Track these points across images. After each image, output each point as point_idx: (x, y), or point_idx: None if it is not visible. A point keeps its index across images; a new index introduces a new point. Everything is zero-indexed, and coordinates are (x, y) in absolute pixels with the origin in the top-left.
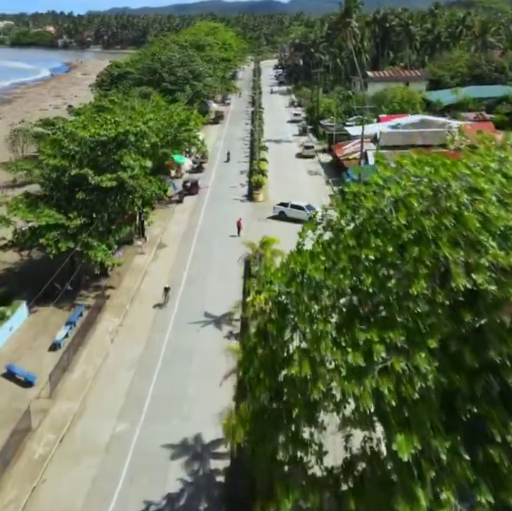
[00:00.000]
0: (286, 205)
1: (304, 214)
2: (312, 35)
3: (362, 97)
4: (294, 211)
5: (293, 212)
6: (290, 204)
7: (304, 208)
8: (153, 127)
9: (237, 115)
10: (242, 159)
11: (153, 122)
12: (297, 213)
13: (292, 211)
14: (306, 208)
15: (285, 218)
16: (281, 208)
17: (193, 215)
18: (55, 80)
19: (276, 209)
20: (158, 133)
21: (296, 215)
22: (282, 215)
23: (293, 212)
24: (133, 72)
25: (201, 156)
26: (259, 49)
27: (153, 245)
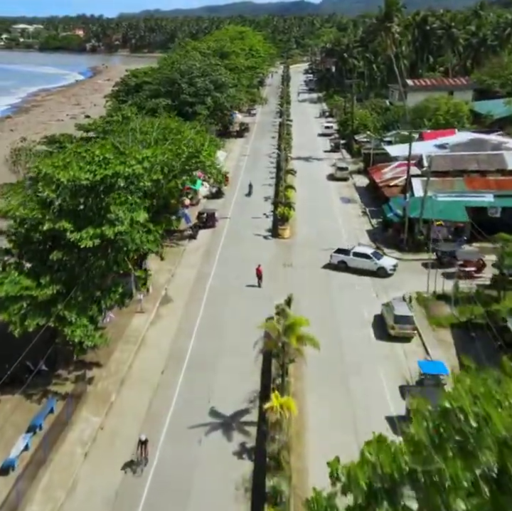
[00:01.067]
0: (346, 252)
1: (371, 264)
2: (345, 40)
3: (402, 108)
4: (358, 259)
5: (357, 261)
6: (352, 252)
7: (370, 257)
8: (153, 163)
9: (264, 127)
10: (267, 182)
11: (149, 162)
12: (362, 263)
13: (356, 261)
14: (373, 255)
15: (346, 268)
16: (341, 256)
17: (207, 256)
18: (77, 86)
19: (335, 258)
20: (163, 168)
21: (361, 265)
22: (342, 265)
23: (357, 261)
24: (150, 83)
25: None
26: (288, 53)
27: (156, 299)
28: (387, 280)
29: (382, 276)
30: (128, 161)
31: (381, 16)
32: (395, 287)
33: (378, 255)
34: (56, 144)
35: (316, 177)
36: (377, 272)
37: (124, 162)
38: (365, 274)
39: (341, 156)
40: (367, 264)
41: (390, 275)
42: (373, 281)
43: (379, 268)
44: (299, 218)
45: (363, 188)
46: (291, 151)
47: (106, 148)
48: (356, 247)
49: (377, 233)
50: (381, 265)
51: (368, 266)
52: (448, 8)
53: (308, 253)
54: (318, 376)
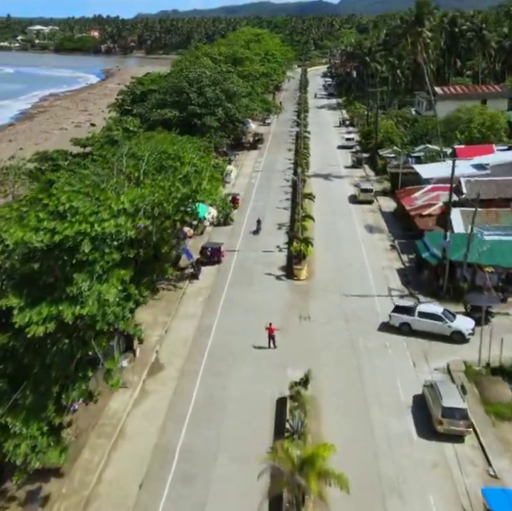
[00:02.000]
0: (409, 311)
1: (443, 327)
2: (368, 43)
3: (431, 120)
4: (426, 321)
5: (424, 323)
6: (418, 311)
7: (442, 318)
8: (138, 206)
9: (279, 138)
10: (281, 205)
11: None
12: (431, 326)
13: (423, 322)
14: (445, 316)
15: (411, 331)
16: (403, 317)
17: (209, 303)
18: (87, 90)
19: (395, 319)
20: (153, 208)
21: (430, 328)
22: (406, 328)
23: (424, 323)
24: (157, 91)
25: (231, 199)
26: (306, 55)
27: (144, 365)
28: (426, 342)
29: (458, 342)
30: (100, 214)
31: (411, 20)
32: (436, 352)
33: (451, 316)
34: (49, 161)
35: (336, 199)
36: (451, 337)
37: (96, 212)
38: (433, 338)
39: (364, 173)
40: (437, 327)
41: (468, 340)
42: (408, 342)
43: (454, 332)
44: (318, 253)
45: (390, 213)
46: (309, 167)
47: (75, 194)
48: (421, 305)
49: (409, 273)
50: (456, 328)
51: (438, 329)
52: (471, 8)
53: (329, 300)
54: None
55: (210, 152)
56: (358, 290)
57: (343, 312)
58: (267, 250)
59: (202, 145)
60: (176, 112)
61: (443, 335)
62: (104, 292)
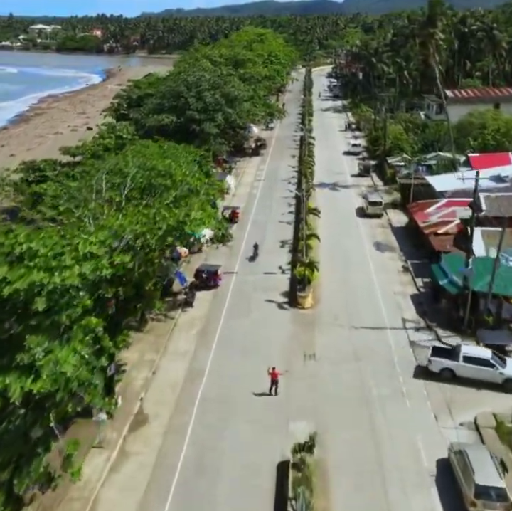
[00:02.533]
0: (452, 355)
1: (494, 374)
2: (374, 43)
3: (442, 125)
4: (472, 367)
5: (470, 370)
6: (463, 355)
7: (492, 364)
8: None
9: (283, 143)
10: (284, 219)
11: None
12: (479, 372)
13: (469, 368)
14: (495, 361)
15: (453, 378)
16: (445, 361)
17: (203, 337)
18: (87, 91)
19: (436, 364)
20: (136, 240)
21: (477, 374)
22: (448, 374)
23: (470, 370)
24: (154, 95)
25: (230, 213)
26: (311, 54)
27: (125, 418)
28: (448, 388)
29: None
30: (64, 257)
31: (423, 20)
32: (461, 402)
33: (501, 361)
34: (36, 172)
35: (343, 213)
36: (503, 386)
37: (60, 254)
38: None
39: (372, 183)
40: (487, 374)
41: None
42: (428, 387)
43: (507, 380)
44: (324, 276)
45: (401, 229)
46: (314, 177)
47: (36, 232)
48: (466, 347)
49: (425, 301)
50: (510, 375)
51: (488, 376)
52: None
53: (337, 333)
54: None
55: (208, 162)
56: (368, 321)
57: (353, 348)
58: (269, 272)
59: (199, 154)
60: (174, 118)
61: (493, 383)
62: (62, 362)
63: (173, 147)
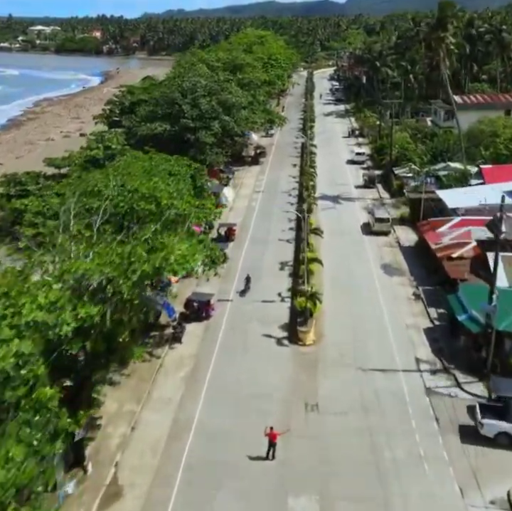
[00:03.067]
0: (507, 413)
1: None
2: (378, 46)
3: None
4: None
5: None
6: None
7: None
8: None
9: (283, 150)
10: (284, 237)
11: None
12: None
13: None
14: None
15: (510, 444)
16: (501, 424)
17: (191, 382)
18: (83, 94)
19: (489, 427)
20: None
21: None
22: (504, 439)
23: None
24: (147, 101)
25: (226, 231)
26: (312, 56)
27: (96, 490)
28: (472, 450)
29: None
30: (3, 324)
31: (432, 23)
32: (490, 469)
33: None
34: (17, 186)
35: (347, 230)
36: None
37: None
38: None
39: (377, 195)
40: None
41: None
42: (448, 448)
43: None
44: (327, 304)
45: (410, 249)
46: (316, 190)
47: None
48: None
49: (440, 337)
50: None
51: None
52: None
53: (342, 377)
54: None
55: (202, 176)
56: (377, 361)
57: (361, 395)
58: (267, 300)
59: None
60: (167, 126)
61: None
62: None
63: (165, 159)
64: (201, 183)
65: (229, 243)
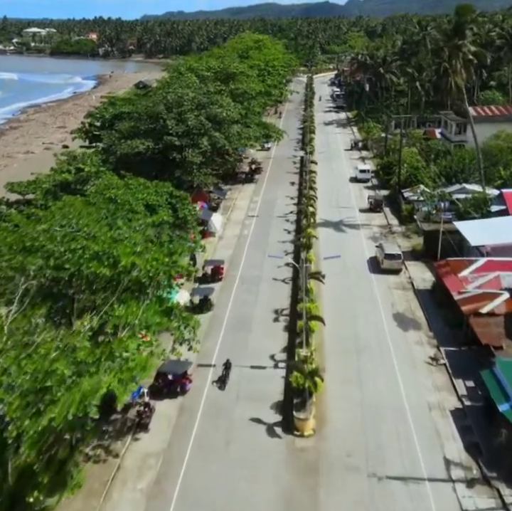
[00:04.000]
0: None
1: None
2: (382, 51)
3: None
4: None
5: None
6: None
7: None
8: None
9: (280, 166)
10: (279, 275)
11: None
12: None
13: None
14: None
15: None
16: None
17: (157, 495)
18: (72, 100)
19: None
20: None
21: None
22: None
23: None
24: (130, 113)
25: (213, 269)
26: (312, 60)
27: None
28: None
29: None
30: None
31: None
32: None
33: None
34: None
35: (352, 266)
36: None
37: None
38: None
39: (385, 221)
40: None
41: None
42: None
43: None
44: (331, 378)
45: (426, 293)
46: (316, 217)
47: None
48: None
49: (474, 425)
50: None
51: None
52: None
53: (351, 489)
54: None
55: (185, 205)
56: (395, 464)
57: None
58: (257, 366)
59: (175, 196)
60: (151, 144)
61: None
62: None
63: (143, 185)
64: (184, 215)
65: (216, 283)
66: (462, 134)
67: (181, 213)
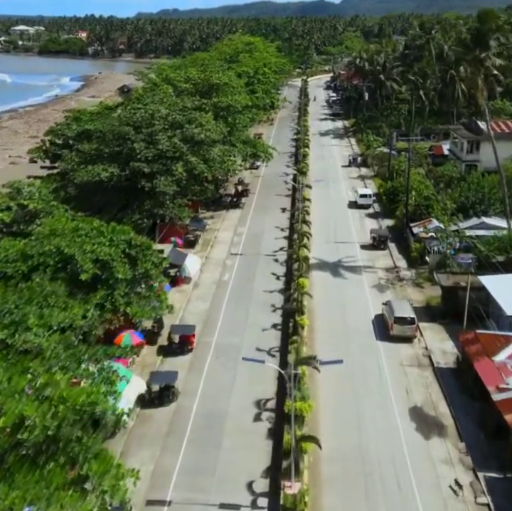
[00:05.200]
0: None
1: None
2: (382, 57)
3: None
4: None
5: None
6: None
7: None
8: None
9: (270, 186)
10: (265, 342)
11: None
12: None
13: None
14: None
15: None
16: None
17: None
18: (52, 104)
19: None
20: None
21: None
22: None
23: None
24: (99, 132)
25: (181, 337)
26: (307, 62)
27: None
28: None
29: None
30: None
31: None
32: None
33: None
34: None
35: (354, 329)
36: None
37: None
38: None
39: (391, 262)
40: None
41: None
42: None
43: None
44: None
45: (449, 373)
46: (309, 262)
47: None
48: None
49: None
50: None
51: None
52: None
53: None
54: None
55: (147, 256)
56: None
57: None
58: (227, 504)
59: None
60: (115, 170)
61: None
62: None
63: (97, 230)
64: (145, 269)
65: (185, 354)
66: (475, 153)
67: (142, 267)
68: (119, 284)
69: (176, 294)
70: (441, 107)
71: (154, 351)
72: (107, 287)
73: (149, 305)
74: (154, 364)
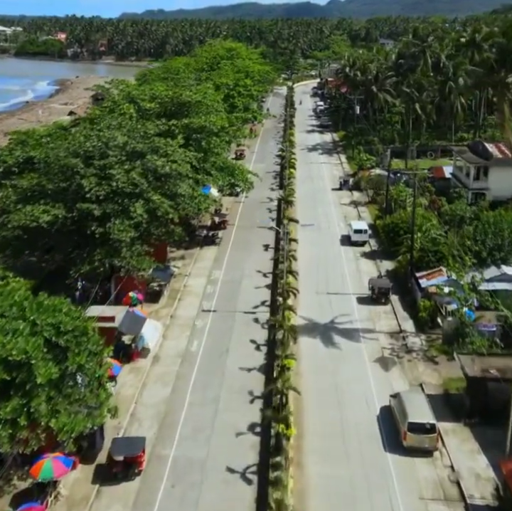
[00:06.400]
0: None
1: None
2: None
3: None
4: None
5: None
6: None
7: None
8: None
9: (252, 216)
10: (234, 462)
11: None
12: None
13: None
14: None
15: None
16: None
17: None
18: (19, 113)
19: None
20: None
21: None
22: None
23: None
24: (41, 161)
25: (126, 458)
26: (293, 67)
27: None
28: None
29: None
30: None
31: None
32: None
33: None
34: None
35: (355, 434)
36: None
37: None
38: None
39: (396, 323)
40: None
41: None
42: None
43: None
44: None
45: None
46: (296, 317)
47: None
48: None
49: None
50: None
51: None
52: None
53: None
54: None
55: (82, 345)
56: None
57: None
58: None
59: (65, 332)
60: (61, 212)
61: None
62: None
63: (17, 309)
64: (78, 364)
65: (129, 480)
66: (483, 180)
67: (73, 362)
68: (40, 389)
69: (128, 375)
70: (438, 121)
71: (90, 474)
72: (23, 394)
73: (83, 412)
74: (87, 498)
